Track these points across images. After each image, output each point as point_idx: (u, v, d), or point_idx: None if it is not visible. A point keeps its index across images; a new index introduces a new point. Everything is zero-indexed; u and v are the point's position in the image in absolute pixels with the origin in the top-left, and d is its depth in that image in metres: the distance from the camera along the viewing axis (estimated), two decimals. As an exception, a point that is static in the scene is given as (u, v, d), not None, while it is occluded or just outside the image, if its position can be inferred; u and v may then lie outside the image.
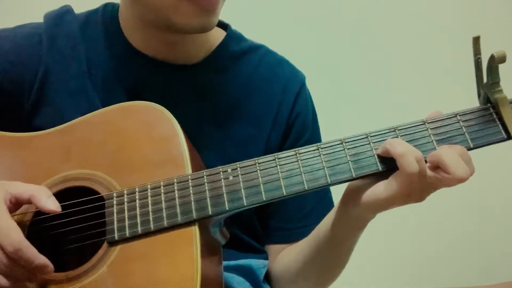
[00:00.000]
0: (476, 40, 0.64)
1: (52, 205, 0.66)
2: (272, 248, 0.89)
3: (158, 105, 0.74)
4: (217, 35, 0.88)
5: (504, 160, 1.55)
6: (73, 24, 0.85)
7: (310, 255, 0.80)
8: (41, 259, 0.63)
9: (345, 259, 0.80)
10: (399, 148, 0.62)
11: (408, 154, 0.61)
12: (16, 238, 0.62)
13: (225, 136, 0.84)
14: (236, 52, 0.88)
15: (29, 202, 0.66)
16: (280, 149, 0.86)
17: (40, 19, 0.86)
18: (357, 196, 0.67)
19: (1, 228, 0.63)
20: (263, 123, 0.86)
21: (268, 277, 0.88)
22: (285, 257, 0.86)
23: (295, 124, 0.87)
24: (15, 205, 0.67)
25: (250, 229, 0.87)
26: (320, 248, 0.78)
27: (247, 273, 0.83)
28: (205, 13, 0.74)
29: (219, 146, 0.84)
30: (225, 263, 0.78)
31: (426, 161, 0.63)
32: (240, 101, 0.86)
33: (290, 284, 0.86)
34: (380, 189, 0.64)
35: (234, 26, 0.91)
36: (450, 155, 0.61)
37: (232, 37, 0.89)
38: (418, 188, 0.62)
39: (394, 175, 0.63)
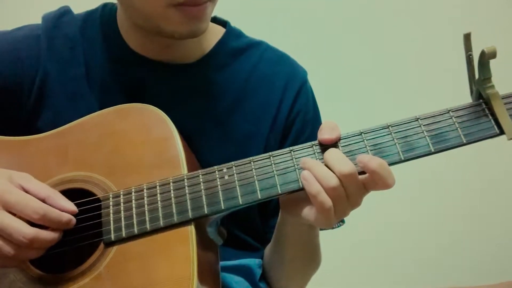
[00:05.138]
0: (467, 37, 0.64)
1: (70, 205, 0.67)
2: None
3: (154, 106, 0.75)
4: (216, 32, 0.87)
5: (502, 159, 1.56)
6: (71, 25, 0.84)
7: (273, 253, 0.84)
8: (66, 215, 0.66)
9: (308, 253, 0.83)
10: (313, 188, 0.63)
11: (321, 194, 0.62)
12: (37, 204, 0.64)
13: (225, 134, 0.84)
14: (236, 48, 0.87)
15: (42, 201, 0.66)
16: (280, 147, 0.85)
17: (39, 20, 0.85)
18: (295, 209, 0.69)
19: (20, 200, 0.64)
20: (263, 121, 0.85)
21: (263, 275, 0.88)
22: (265, 256, 0.88)
23: (295, 123, 0.86)
24: None
25: (250, 228, 0.87)
26: (277, 246, 0.81)
27: (246, 273, 0.83)
28: (194, 20, 0.73)
29: (219, 144, 0.83)
30: (224, 263, 0.78)
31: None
32: (240, 98, 0.85)
33: (275, 281, 0.87)
34: (311, 212, 0.66)
35: (233, 23, 0.90)
36: (333, 152, 0.64)
37: (232, 33, 0.88)
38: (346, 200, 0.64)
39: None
